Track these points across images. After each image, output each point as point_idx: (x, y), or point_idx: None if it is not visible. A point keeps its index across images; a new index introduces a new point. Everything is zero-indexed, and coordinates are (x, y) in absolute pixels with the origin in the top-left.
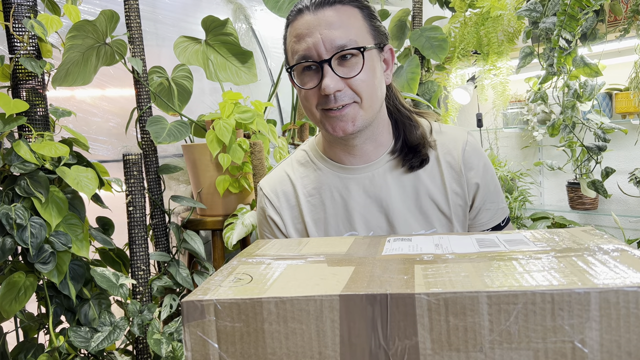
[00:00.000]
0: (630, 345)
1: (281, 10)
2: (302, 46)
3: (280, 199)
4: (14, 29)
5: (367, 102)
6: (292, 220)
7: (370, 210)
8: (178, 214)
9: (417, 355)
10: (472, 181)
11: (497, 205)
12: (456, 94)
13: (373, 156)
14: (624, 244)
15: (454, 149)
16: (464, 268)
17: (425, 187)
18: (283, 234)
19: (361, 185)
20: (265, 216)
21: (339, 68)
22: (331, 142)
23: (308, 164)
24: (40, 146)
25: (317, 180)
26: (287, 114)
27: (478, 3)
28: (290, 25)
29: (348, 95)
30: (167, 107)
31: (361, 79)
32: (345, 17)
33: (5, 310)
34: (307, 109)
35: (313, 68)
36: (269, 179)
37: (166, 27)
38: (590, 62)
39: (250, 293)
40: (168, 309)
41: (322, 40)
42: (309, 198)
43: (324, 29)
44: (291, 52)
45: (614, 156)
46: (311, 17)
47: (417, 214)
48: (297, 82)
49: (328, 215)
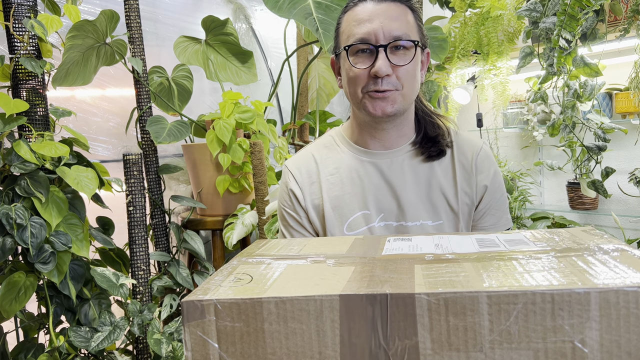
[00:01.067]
0: (630, 345)
1: (281, 10)
2: (363, 30)
3: (303, 175)
4: (14, 28)
5: (407, 91)
6: (310, 195)
7: (384, 193)
8: (178, 214)
9: (417, 355)
10: (481, 183)
11: (501, 214)
12: (456, 94)
13: (395, 144)
14: (624, 244)
15: (468, 152)
16: (464, 268)
17: (438, 181)
18: (301, 207)
19: (379, 169)
20: (287, 190)
21: (391, 56)
22: (361, 125)
23: (332, 146)
24: (40, 146)
25: (339, 161)
26: (287, 114)
27: (478, 3)
28: (351, 10)
29: (393, 82)
30: (167, 107)
31: (407, 69)
32: (403, 14)
33: (5, 310)
34: (352, 88)
35: (367, 52)
36: (294, 158)
37: (166, 27)
38: (590, 62)
39: (251, 293)
40: (168, 308)
41: (382, 28)
42: (329, 177)
43: (385, 19)
44: (347, 34)
45: (614, 156)
46: (374, 6)
47: (427, 203)
48: (350, 60)
49: (344, 193)
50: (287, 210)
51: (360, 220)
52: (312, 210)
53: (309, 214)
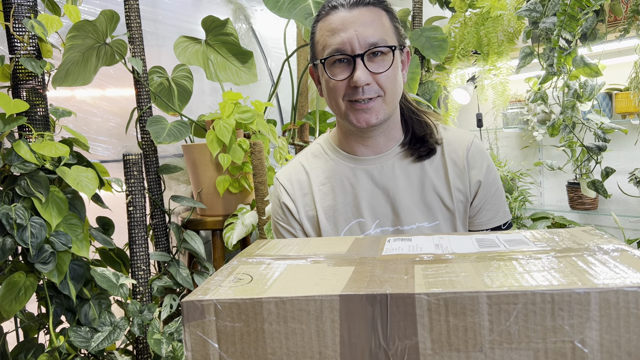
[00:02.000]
0: (630, 345)
1: (281, 10)
2: (337, 40)
3: (295, 187)
4: (14, 29)
5: (389, 97)
6: (304, 207)
7: (377, 199)
8: (178, 214)
9: (417, 355)
10: (474, 179)
11: (497, 207)
12: (456, 94)
13: (384, 148)
14: (624, 244)
15: (459, 148)
16: (464, 268)
17: (430, 180)
18: (296, 220)
19: (370, 175)
20: (280, 204)
21: (369, 63)
22: (347, 134)
23: (321, 155)
24: (40, 146)
25: (329, 170)
26: (287, 114)
27: (478, 3)
28: (323, 20)
29: (374, 89)
30: (167, 107)
31: (387, 75)
32: (377, 18)
33: (5, 310)
34: (333, 100)
35: (344, 61)
36: (284, 170)
37: (166, 27)
38: (590, 62)
39: (251, 293)
40: (168, 309)
41: (357, 36)
42: (321, 187)
43: (359, 26)
44: (322, 44)
45: (614, 156)
46: (346, 14)
47: (421, 205)
48: (328, 73)
49: (338, 202)
50: (282, 224)
51: (355, 229)
52: (306, 222)
53: (304, 226)
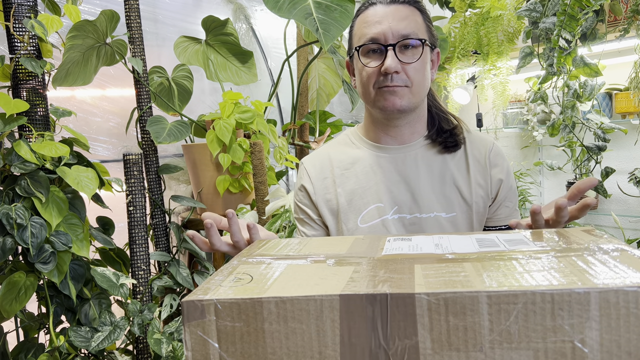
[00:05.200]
0: (630, 345)
1: (281, 10)
2: (372, 30)
3: (317, 170)
4: (15, 29)
5: (416, 88)
6: (322, 190)
7: (398, 186)
8: (178, 213)
9: (417, 355)
10: (496, 177)
11: (514, 205)
12: (456, 94)
13: (407, 140)
14: (624, 244)
15: (482, 147)
16: (464, 268)
17: (451, 173)
18: (311, 201)
19: (393, 163)
20: (300, 185)
21: (400, 54)
22: (375, 122)
23: (348, 144)
24: (40, 146)
25: (354, 156)
26: (287, 114)
27: (478, 3)
28: (362, 14)
29: (402, 79)
30: (168, 107)
31: (415, 67)
32: (411, 14)
33: (5, 310)
34: (364, 87)
35: (377, 51)
36: (310, 155)
37: (166, 27)
38: (590, 62)
39: (251, 293)
40: (168, 308)
41: (391, 28)
42: (343, 171)
43: (393, 20)
44: (359, 35)
45: (614, 156)
46: (383, 9)
47: (440, 196)
48: (362, 60)
49: (358, 186)
50: (299, 205)
51: (374, 213)
52: (322, 204)
53: (319, 208)
